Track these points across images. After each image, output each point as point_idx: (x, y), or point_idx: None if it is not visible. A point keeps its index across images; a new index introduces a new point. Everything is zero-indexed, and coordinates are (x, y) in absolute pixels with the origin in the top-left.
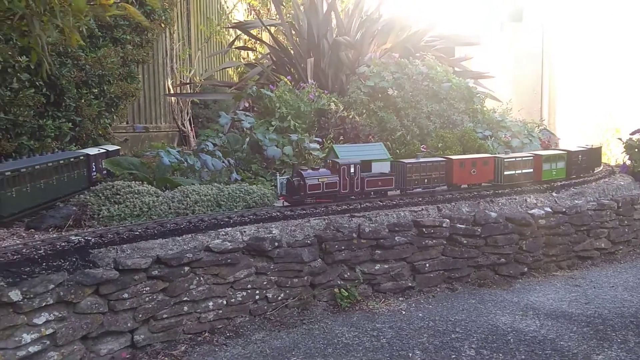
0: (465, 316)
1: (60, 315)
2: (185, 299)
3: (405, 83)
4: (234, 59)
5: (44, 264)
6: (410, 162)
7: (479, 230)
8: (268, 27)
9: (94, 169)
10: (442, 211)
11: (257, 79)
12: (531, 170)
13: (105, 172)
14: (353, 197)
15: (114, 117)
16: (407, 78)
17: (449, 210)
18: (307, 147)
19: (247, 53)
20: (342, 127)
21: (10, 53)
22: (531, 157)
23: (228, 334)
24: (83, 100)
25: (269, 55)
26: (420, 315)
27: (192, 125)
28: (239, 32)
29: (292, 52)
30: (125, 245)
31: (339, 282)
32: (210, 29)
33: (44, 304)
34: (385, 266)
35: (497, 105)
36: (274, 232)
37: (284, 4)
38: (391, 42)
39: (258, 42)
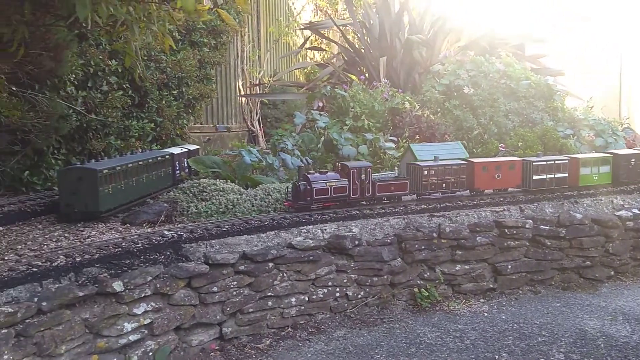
0: (551, 319)
1: (156, 306)
2: (269, 294)
3: (482, 81)
4: (301, 60)
5: (142, 257)
6: (427, 165)
7: (563, 231)
8: (339, 27)
9: (177, 168)
10: (524, 212)
11: (327, 78)
12: (566, 174)
13: (187, 170)
14: (364, 202)
15: (191, 117)
16: (483, 76)
17: (532, 210)
18: (382, 146)
19: (313, 53)
20: (418, 126)
21: (100, 57)
22: (566, 161)
23: (310, 330)
24: (164, 102)
25: (339, 55)
26: (503, 317)
27: (261, 125)
28: (307, 33)
29: (363, 51)
30: (214, 241)
31: (418, 282)
32: (279, 31)
33: (142, 295)
34: (466, 267)
35: (577, 103)
36: (354, 230)
37: (355, 3)
38: (465, 40)
39: (327, 42)
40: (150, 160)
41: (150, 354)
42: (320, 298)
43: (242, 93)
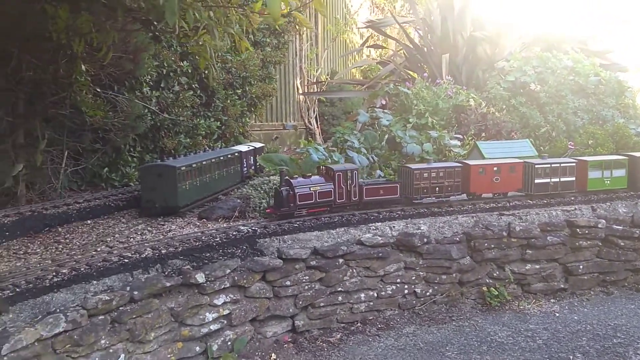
0: (626, 321)
1: (234, 297)
2: (339, 289)
3: (549, 77)
4: (358, 58)
5: (220, 250)
6: (419, 167)
7: (638, 232)
8: (401, 24)
9: (245, 165)
10: (596, 211)
11: (387, 76)
12: (573, 178)
13: (253, 167)
14: (349, 207)
15: (253, 115)
16: (550, 72)
17: (604, 210)
18: (447, 144)
19: (370, 51)
20: (483, 124)
21: (173, 59)
22: (573, 163)
23: (379, 326)
24: (229, 101)
25: (400, 53)
26: (575, 318)
27: (318, 123)
28: (363, 30)
29: (425, 48)
30: (286, 236)
31: (487, 281)
32: (337, 29)
33: (222, 287)
34: (536, 266)
35: None
36: (422, 228)
37: (416, 1)
38: (530, 36)
39: (385, 39)
40: (221, 158)
41: (229, 343)
42: (388, 294)
43: (301, 91)
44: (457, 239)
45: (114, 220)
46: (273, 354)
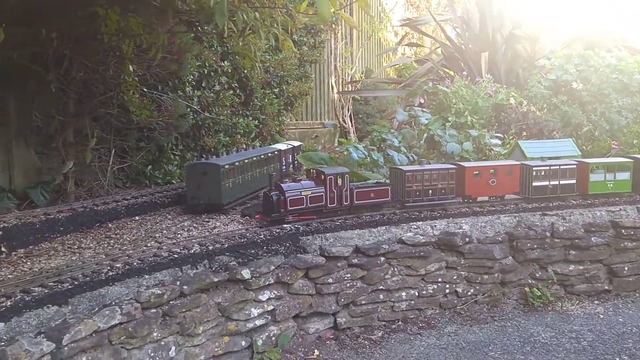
0: None
1: (278, 294)
2: (380, 287)
3: (592, 76)
4: (392, 57)
5: (265, 247)
6: (411, 169)
7: None
8: (439, 22)
9: (284, 163)
10: None
11: (424, 74)
12: (573, 181)
13: (292, 166)
14: (340, 212)
15: (290, 114)
16: (593, 70)
17: None
18: (487, 143)
19: (404, 49)
20: (524, 123)
21: (214, 59)
22: (573, 166)
23: (420, 325)
24: (266, 100)
25: (437, 51)
26: (620, 320)
27: (352, 122)
28: (398, 29)
29: (462, 47)
30: (328, 234)
31: (530, 281)
32: (372, 27)
33: (267, 283)
34: (580, 267)
35: None
36: (464, 227)
37: None
38: (572, 33)
39: (420, 37)
40: (261, 157)
41: (273, 338)
42: (430, 293)
43: (335, 90)
44: (500, 238)
45: (161, 217)
46: (316, 350)
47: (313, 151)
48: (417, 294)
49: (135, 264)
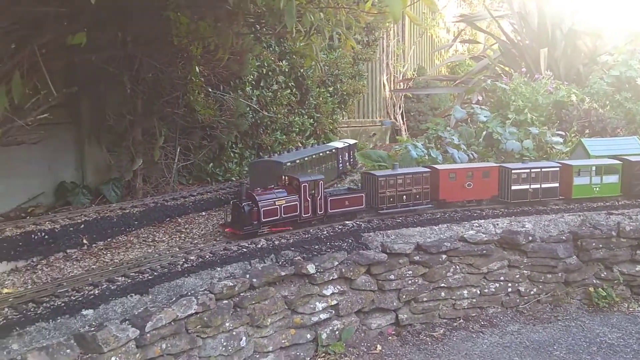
0: None
1: (341, 289)
2: (442, 285)
3: None
4: (444, 54)
5: (328, 243)
6: (384, 174)
7: None
8: (495, 18)
9: (340, 161)
10: None
11: (480, 71)
12: (556, 185)
13: (348, 163)
14: (315, 222)
15: (343, 112)
16: None
17: None
18: (548, 141)
19: (456, 46)
20: (587, 120)
21: (272, 59)
22: (556, 168)
23: (482, 323)
24: (321, 98)
25: (492, 47)
26: None
27: (404, 119)
28: (449, 26)
29: (520, 43)
30: (389, 231)
31: (594, 281)
32: (425, 24)
33: (330, 278)
34: None
35: None
36: (527, 226)
37: None
38: (636, 28)
39: (476, 34)
40: (320, 154)
41: (337, 332)
42: (491, 292)
43: (387, 88)
44: (564, 237)
45: (225, 213)
46: (378, 346)
47: (371, 150)
48: (478, 292)
49: (207, 257)
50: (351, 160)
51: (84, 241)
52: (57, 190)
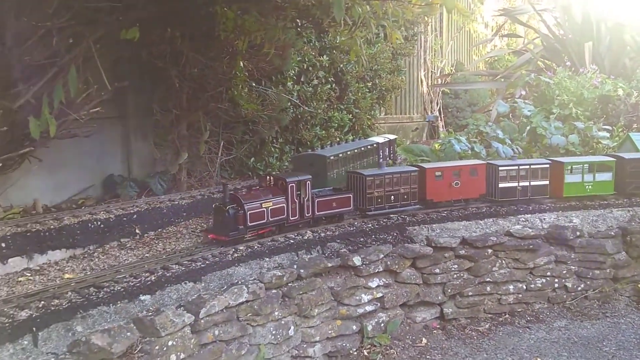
0: None
1: (386, 282)
2: (487, 279)
3: None
4: (482, 49)
5: (373, 236)
6: (371, 174)
7: None
8: (538, 12)
9: (381, 156)
10: None
11: (522, 66)
12: (546, 182)
13: (389, 158)
14: (301, 225)
15: (382, 108)
16: None
17: None
18: (595, 136)
19: (494, 41)
20: (635, 115)
21: (312, 54)
22: (546, 165)
23: (528, 318)
24: (359, 94)
25: (534, 42)
26: None
27: (442, 115)
28: (487, 20)
29: (563, 37)
30: (434, 225)
31: None
32: (464, 18)
33: (376, 270)
34: None
35: None
36: (574, 221)
37: None
38: None
39: (515, 28)
40: (362, 149)
41: (382, 325)
42: (538, 287)
43: (424, 84)
44: (612, 233)
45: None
46: (424, 339)
47: (413, 144)
48: (524, 287)
49: (256, 247)
50: (391, 154)
51: (137, 231)
52: (105, 182)
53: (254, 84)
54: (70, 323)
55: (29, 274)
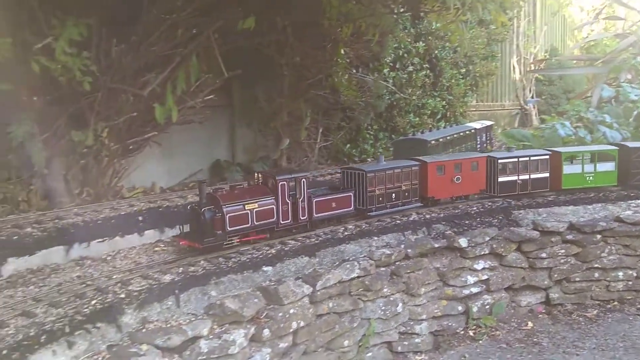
0: None
1: (492, 264)
2: (595, 265)
3: None
4: (577, 34)
5: (478, 219)
6: (372, 169)
7: None
8: None
9: (478, 141)
10: None
11: (625, 49)
12: (546, 174)
13: (485, 144)
14: (295, 230)
15: (475, 95)
16: None
17: None
18: None
19: (591, 26)
20: None
21: (408, 40)
22: (546, 156)
23: (638, 306)
24: (453, 80)
25: (639, 24)
26: None
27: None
28: (582, 4)
29: None
30: (541, 209)
31: None
32: (559, 2)
33: (482, 253)
34: None
35: None
36: None
37: None
38: None
39: (614, 10)
40: (461, 134)
41: (487, 307)
42: None
43: (517, 70)
44: None
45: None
46: (529, 322)
47: (516, 129)
48: (635, 274)
49: (364, 226)
50: (488, 140)
51: None
52: (212, 167)
53: (353, 71)
54: (205, 288)
55: (163, 245)
